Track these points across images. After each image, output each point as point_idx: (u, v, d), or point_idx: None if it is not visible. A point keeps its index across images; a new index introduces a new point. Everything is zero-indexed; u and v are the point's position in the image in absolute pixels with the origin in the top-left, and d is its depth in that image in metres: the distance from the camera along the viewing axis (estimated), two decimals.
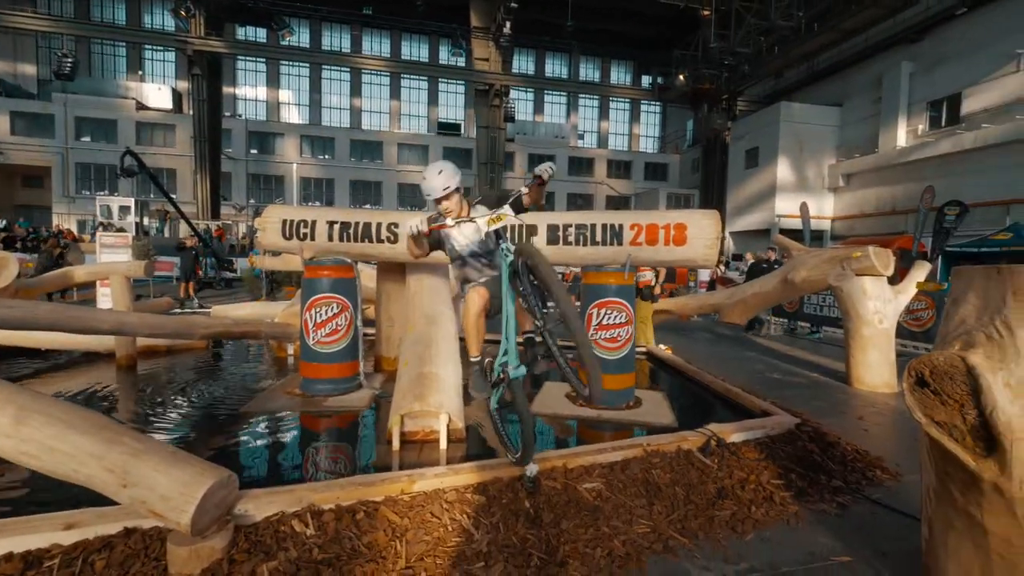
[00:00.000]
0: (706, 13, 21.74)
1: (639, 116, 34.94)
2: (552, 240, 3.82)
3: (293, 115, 31.29)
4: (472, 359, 2.71)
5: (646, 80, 33.77)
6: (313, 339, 3.85)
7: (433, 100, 32.82)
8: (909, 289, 5.08)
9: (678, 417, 3.69)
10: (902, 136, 18.61)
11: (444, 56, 31.79)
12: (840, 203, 21.13)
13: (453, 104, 33.31)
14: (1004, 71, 15.45)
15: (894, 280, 4.98)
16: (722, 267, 12.96)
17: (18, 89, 27.27)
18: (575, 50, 33.07)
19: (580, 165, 32.73)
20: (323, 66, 30.51)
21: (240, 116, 29.42)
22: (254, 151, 29.15)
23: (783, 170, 21.14)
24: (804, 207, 18.22)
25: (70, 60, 21.75)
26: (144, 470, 1.79)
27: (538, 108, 33.89)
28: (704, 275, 14.51)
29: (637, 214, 3.86)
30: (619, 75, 34.55)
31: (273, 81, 30.86)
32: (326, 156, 30.23)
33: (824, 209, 21.20)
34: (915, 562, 2.01)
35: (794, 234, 14.53)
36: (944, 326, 1.90)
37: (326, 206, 28.75)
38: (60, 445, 1.79)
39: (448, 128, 32.58)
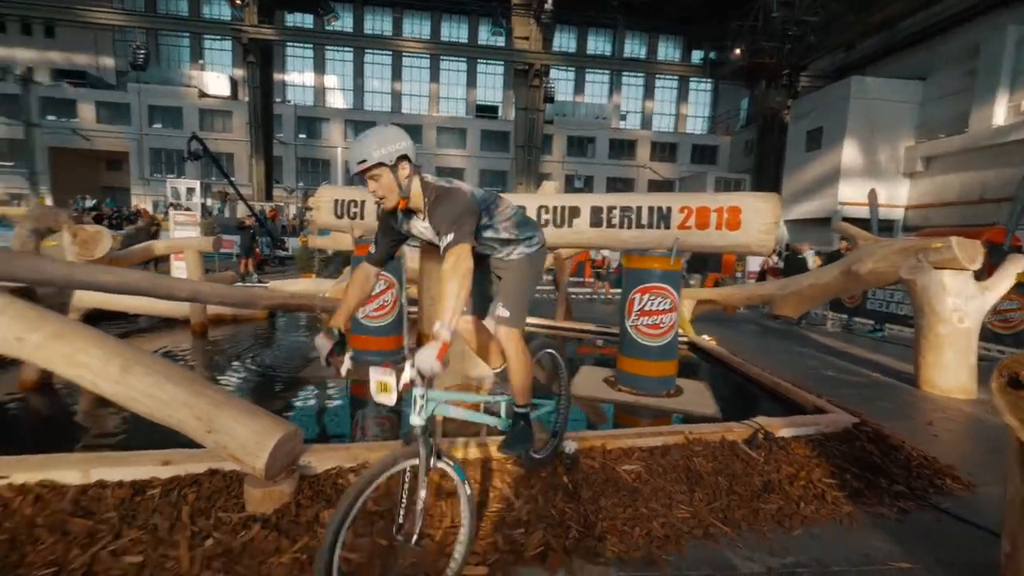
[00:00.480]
0: None
1: (687, 95, 33.36)
2: (595, 223, 3.71)
3: (338, 100, 32.04)
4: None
5: (697, 56, 32.11)
6: (363, 313, 4.00)
7: (471, 82, 32.62)
8: (1000, 286, 4.57)
9: (722, 408, 3.57)
10: (1001, 113, 16.72)
11: (484, 36, 31.48)
12: (916, 190, 19.45)
13: (491, 86, 32.98)
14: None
15: (980, 276, 4.52)
16: (775, 257, 12.28)
17: (101, 81, 29.67)
18: (620, 25, 31.84)
19: (621, 148, 31.72)
20: (366, 50, 30.98)
21: (289, 102, 30.44)
22: (302, 136, 30.16)
23: (849, 153, 19.64)
24: (873, 194, 16.82)
25: (143, 52, 23.36)
26: (225, 419, 2.00)
27: (579, 88, 33.00)
28: (753, 265, 13.82)
29: (687, 196, 3.69)
30: (667, 51, 33.04)
31: (319, 67, 31.66)
32: None
33: (896, 197, 19.60)
34: (980, 572, 1.85)
35: (858, 224, 13.54)
36: None
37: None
38: (158, 393, 2.04)
39: (486, 111, 32.36)
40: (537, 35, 23.37)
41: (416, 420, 1.58)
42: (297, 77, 31.77)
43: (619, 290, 11.21)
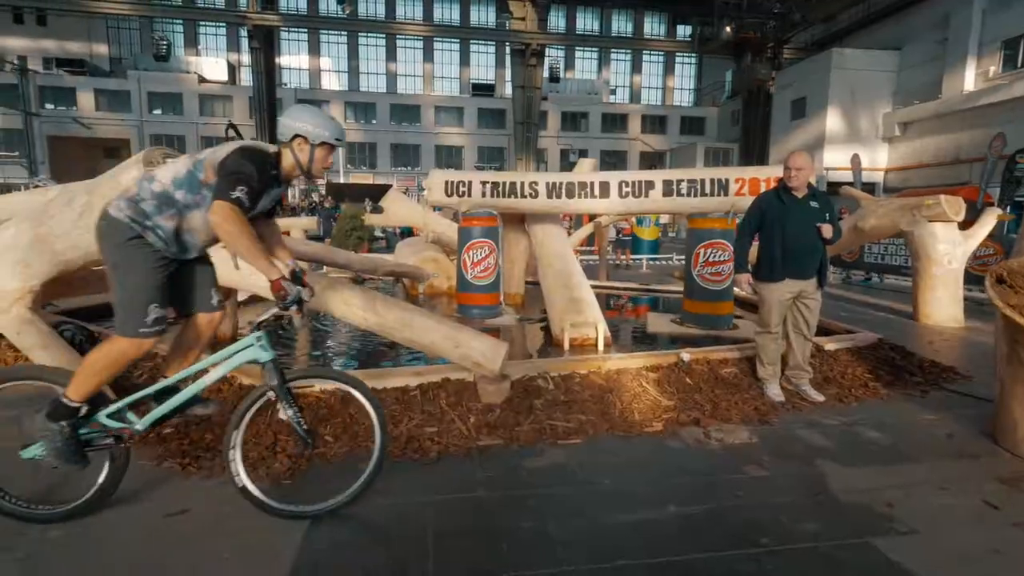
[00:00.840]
0: None
1: (673, 69, 34.07)
2: (667, 193, 4.57)
3: (333, 82, 31.89)
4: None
5: (682, 31, 32.69)
6: (471, 275, 4.82)
7: (465, 61, 32.73)
8: (979, 234, 5.61)
9: None
10: (970, 79, 17.92)
11: (476, 17, 31.57)
12: (895, 154, 20.72)
13: (484, 64, 33.14)
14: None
15: (962, 227, 5.53)
16: None
17: (97, 68, 29.12)
18: (607, 2, 32.15)
19: (613, 121, 32.44)
20: (359, 33, 30.78)
21: (287, 85, 30.23)
22: None
23: (833, 121, 20.74)
24: (856, 158, 18.04)
25: (165, 42, 23.05)
26: (465, 338, 2.87)
27: (569, 64, 33.40)
28: None
29: (742, 170, 4.57)
30: (653, 26, 33.51)
31: (314, 49, 31.39)
32: (372, 121, 30.97)
33: (877, 160, 20.85)
34: (980, 420, 2.82)
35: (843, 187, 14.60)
36: (1018, 244, 2.63)
37: (370, 168, 29.73)
38: (412, 323, 2.87)
39: (482, 89, 32.60)
40: (532, 15, 23.71)
41: (263, 356, 1.80)
42: (292, 60, 31.48)
43: (637, 256, 12.09)
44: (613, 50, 33.78)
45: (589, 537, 1.84)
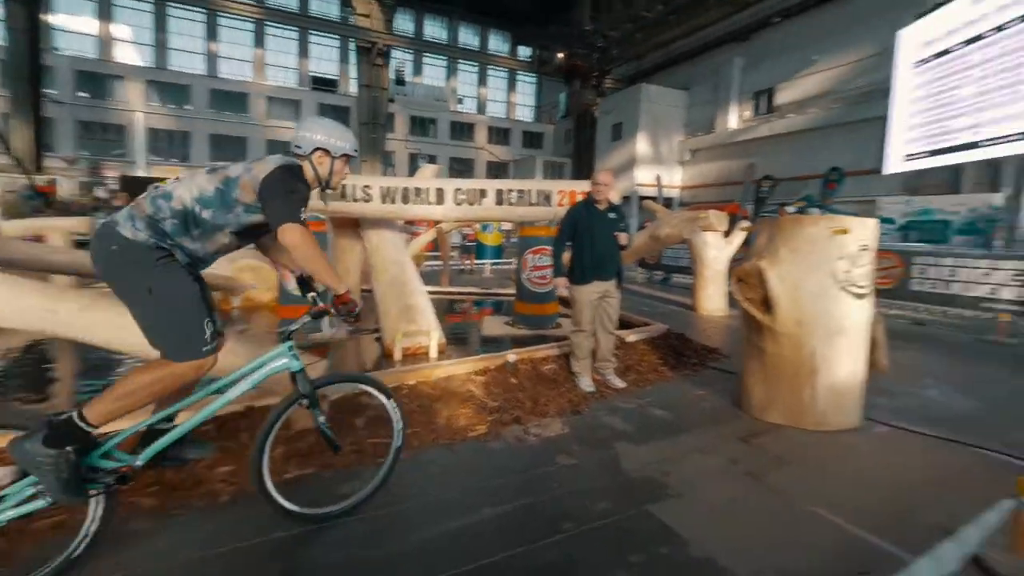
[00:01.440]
0: None
1: (516, 85, 36.26)
2: (499, 201, 4.80)
3: (131, 55, 26.44)
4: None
5: (523, 51, 35.00)
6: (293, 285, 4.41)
7: (303, 52, 30.20)
8: (735, 242, 7.08)
9: None
10: (734, 120, 22.57)
11: (317, 7, 29.40)
12: (687, 175, 25.00)
13: (327, 58, 31.02)
14: (804, 72, 19.62)
15: (726, 235, 6.92)
16: None
17: None
18: (455, 14, 32.85)
19: (461, 130, 33.19)
20: (168, 3, 26.18)
21: (62, 51, 24.10)
22: (83, 94, 24.29)
23: (642, 144, 24.22)
24: (658, 178, 21.35)
25: None
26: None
27: (417, 69, 33.23)
28: None
29: (562, 183, 5.02)
30: (497, 44, 35.24)
31: (104, 13, 25.55)
32: (186, 106, 26.43)
33: (675, 179, 24.90)
34: (732, 392, 3.54)
35: (650, 201, 17.19)
36: (751, 249, 3.36)
37: (181, 161, 25.43)
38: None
39: (323, 84, 30.43)
40: (379, 14, 22.91)
41: (295, 365, 1.83)
42: (72, 22, 24.95)
43: (481, 261, 12.45)
44: (461, 60, 34.53)
45: (405, 557, 1.80)
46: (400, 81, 28.98)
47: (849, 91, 17.63)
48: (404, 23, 31.73)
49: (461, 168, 32.44)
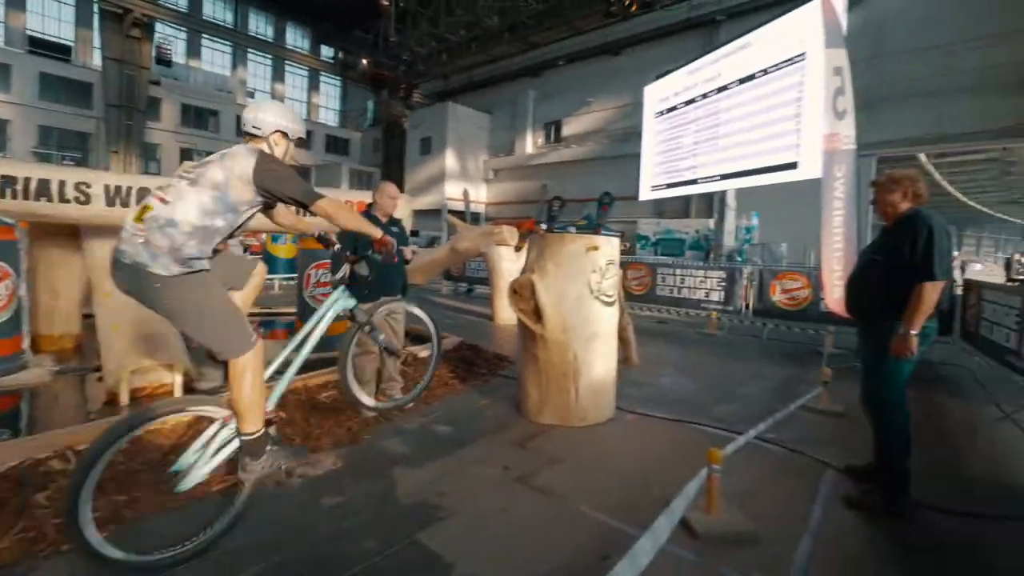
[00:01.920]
0: (385, 3, 23.10)
1: (319, 86, 33.81)
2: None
3: None
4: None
5: (326, 51, 32.90)
6: None
7: (16, 3, 22.85)
8: (522, 255, 7.68)
9: None
10: (529, 145, 24.95)
11: None
12: (492, 191, 26.66)
13: (55, 15, 24.04)
14: (583, 111, 22.80)
15: (517, 249, 7.45)
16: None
17: None
18: None
19: None
20: None
21: None
22: None
23: (450, 160, 25.00)
24: (466, 193, 22.23)
25: None
26: None
27: (193, 52, 28.29)
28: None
29: (350, 192, 4.68)
30: (296, 39, 32.38)
31: None
32: None
33: (481, 196, 26.30)
34: (515, 395, 3.73)
35: (460, 215, 17.82)
36: (526, 262, 3.60)
37: None
38: None
39: (49, 48, 23.46)
40: None
41: (351, 303, 2.33)
42: None
43: (271, 276, 10.99)
44: (251, 50, 30.56)
45: None
46: (164, 61, 24.13)
47: (615, 130, 21.16)
48: None
49: None
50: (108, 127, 21.52)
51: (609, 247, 3.38)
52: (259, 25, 30.81)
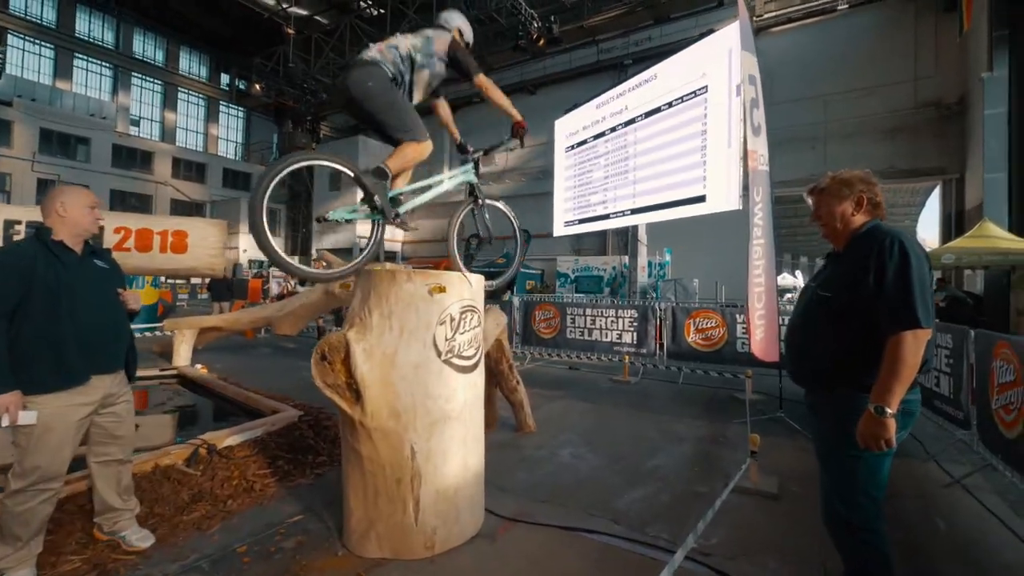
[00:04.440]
0: (290, 32, 21.88)
1: (218, 117, 31.27)
2: (7, 239, 2.85)
3: None
4: None
5: (225, 79, 30.74)
6: None
7: None
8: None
9: (188, 433, 3.49)
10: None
11: None
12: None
13: None
14: (501, 148, 22.55)
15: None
16: (293, 281, 13.17)
17: None
18: (128, 17, 26.56)
19: (132, 157, 26.12)
20: None
21: None
22: None
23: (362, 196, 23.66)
24: None
25: None
26: None
27: (63, 72, 25.06)
28: (276, 289, 14.40)
29: (128, 216, 3.40)
30: (191, 64, 29.95)
31: None
32: None
33: (397, 234, 25.00)
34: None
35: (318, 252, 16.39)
36: (348, 312, 2.53)
37: None
38: None
39: None
40: None
41: (473, 178, 3.03)
42: None
43: None
44: (137, 74, 27.68)
45: None
46: None
47: (533, 168, 21.11)
48: (37, 6, 23.77)
49: (135, 204, 25.36)
50: None
51: (464, 287, 2.42)
52: (147, 48, 28.18)
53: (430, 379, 2.23)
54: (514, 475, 3.15)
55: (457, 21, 2.76)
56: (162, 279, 11.12)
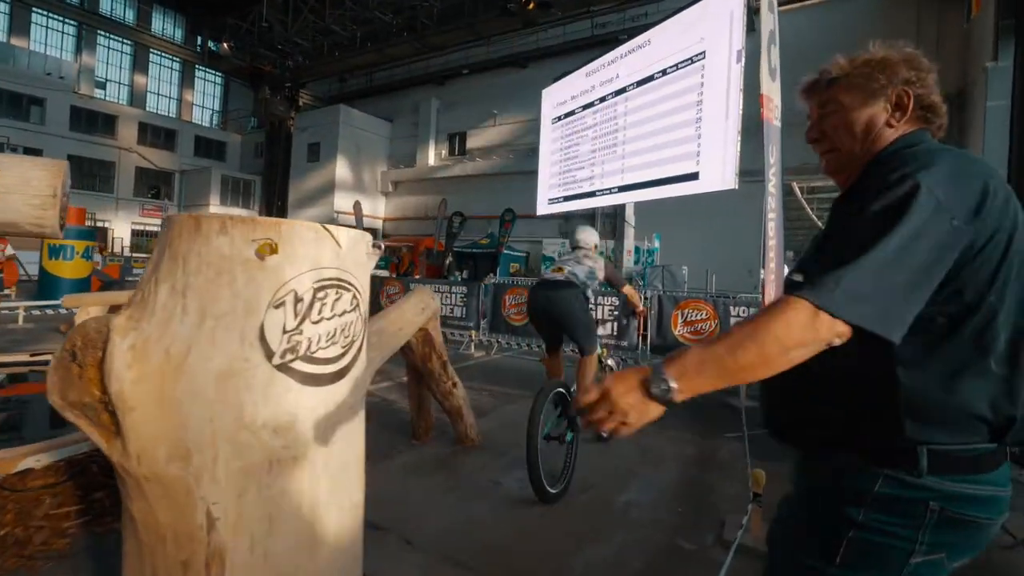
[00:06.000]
0: None
1: (193, 82, 29.55)
2: None
3: None
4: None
5: (200, 42, 29.02)
6: None
7: None
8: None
9: None
10: (432, 157, 23.09)
11: None
12: (390, 206, 24.35)
13: None
14: (488, 123, 21.46)
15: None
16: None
17: None
18: None
19: (93, 121, 24.44)
20: None
21: None
22: None
23: (342, 169, 22.42)
24: (357, 205, 19.83)
25: None
26: None
27: (20, 29, 23.27)
28: None
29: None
30: (164, 25, 28.14)
31: None
32: None
33: (378, 210, 23.88)
34: None
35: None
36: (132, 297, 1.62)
37: None
38: None
39: None
40: None
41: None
42: None
43: (41, 303, 8.00)
44: (103, 33, 25.89)
45: None
46: None
47: (521, 145, 20.02)
48: None
49: (97, 171, 23.90)
50: None
51: (323, 247, 1.52)
52: (115, 6, 26.35)
53: (248, 396, 1.34)
54: (432, 516, 2.32)
55: (594, 238, 3.43)
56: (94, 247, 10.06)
